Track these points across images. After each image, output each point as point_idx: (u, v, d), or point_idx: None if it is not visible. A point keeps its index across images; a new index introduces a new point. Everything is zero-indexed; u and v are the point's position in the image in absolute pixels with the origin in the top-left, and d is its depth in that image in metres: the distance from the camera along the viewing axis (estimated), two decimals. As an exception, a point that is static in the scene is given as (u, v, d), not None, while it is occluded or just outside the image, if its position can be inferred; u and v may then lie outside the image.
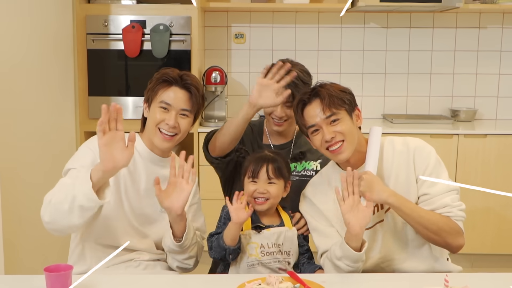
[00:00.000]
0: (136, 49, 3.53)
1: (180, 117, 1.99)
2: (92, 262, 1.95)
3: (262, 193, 1.91)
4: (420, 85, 4.23)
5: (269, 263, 1.86)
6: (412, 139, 1.99)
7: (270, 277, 1.63)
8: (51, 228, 1.78)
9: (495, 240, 3.74)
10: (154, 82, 2.01)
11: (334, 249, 1.83)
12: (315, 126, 1.91)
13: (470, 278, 1.81)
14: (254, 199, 1.91)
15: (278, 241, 1.89)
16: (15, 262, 2.62)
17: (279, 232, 1.90)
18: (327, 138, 1.87)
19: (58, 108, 3.27)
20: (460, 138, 3.66)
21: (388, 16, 4.16)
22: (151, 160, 2.02)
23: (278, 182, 1.93)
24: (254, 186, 1.92)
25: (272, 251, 1.87)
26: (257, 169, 1.92)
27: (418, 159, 1.92)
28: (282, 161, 1.96)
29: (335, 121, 1.89)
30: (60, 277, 1.52)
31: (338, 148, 1.88)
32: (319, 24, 4.16)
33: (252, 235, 1.87)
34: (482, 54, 4.19)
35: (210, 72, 3.77)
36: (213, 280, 1.81)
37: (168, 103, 1.97)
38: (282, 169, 1.94)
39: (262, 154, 1.98)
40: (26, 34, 2.80)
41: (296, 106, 1.95)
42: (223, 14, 4.14)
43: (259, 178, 1.91)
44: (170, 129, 1.97)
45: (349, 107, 1.92)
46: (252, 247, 1.86)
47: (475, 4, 3.94)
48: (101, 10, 3.57)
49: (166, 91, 1.98)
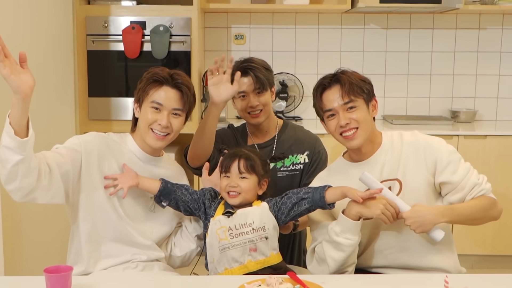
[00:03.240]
0: (136, 50, 3.53)
1: (172, 116, 2.00)
2: (90, 262, 1.96)
3: (233, 186, 1.92)
4: (420, 86, 4.24)
5: (240, 245, 1.87)
6: (421, 133, 2.04)
7: (270, 278, 1.64)
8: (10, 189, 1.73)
9: (495, 241, 3.74)
10: (145, 82, 2.02)
11: (332, 227, 1.87)
12: (332, 110, 1.96)
13: (470, 279, 1.82)
14: (227, 194, 1.94)
15: (247, 220, 1.89)
16: (15, 263, 2.62)
17: (246, 212, 1.91)
18: (342, 123, 1.93)
19: (58, 109, 3.27)
20: (460, 139, 3.66)
21: (388, 17, 4.16)
22: (144, 159, 2.05)
23: (250, 177, 1.94)
24: (226, 180, 1.94)
25: (241, 231, 1.88)
26: (229, 164, 1.95)
27: (430, 151, 1.95)
28: (256, 158, 1.98)
29: (352, 108, 1.94)
30: (60, 278, 1.52)
31: (352, 135, 1.94)
32: (319, 25, 4.16)
33: (222, 220, 1.90)
34: (482, 55, 4.19)
35: (210, 73, 3.76)
36: (212, 281, 1.81)
37: (160, 103, 1.98)
38: (254, 165, 1.95)
39: (236, 150, 2.01)
40: (26, 35, 2.80)
41: (316, 89, 2.01)
42: (223, 15, 4.14)
43: (231, 172, 1.95)
44: (162, 129, 1.98)
45: (367, 96, 1.98)
46: (222, 231, 1.89)
47: (475, 5, 3.94)
48: (101, 11, 3.57)
49: (157, 91, 1.99)
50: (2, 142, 1.65)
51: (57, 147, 1.91)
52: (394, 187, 1.94)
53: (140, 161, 2.04)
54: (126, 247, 1.99)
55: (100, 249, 1.97)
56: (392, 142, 2.00)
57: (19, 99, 1.61)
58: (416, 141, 1.98)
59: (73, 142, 1.95)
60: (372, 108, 2.01)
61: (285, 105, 3.97)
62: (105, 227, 1.96)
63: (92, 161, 1.94)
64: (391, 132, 2.05)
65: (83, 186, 1.93)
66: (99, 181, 1.95)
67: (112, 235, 1.97)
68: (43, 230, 1.78)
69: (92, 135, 2.02)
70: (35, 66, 2.93)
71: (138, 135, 2.05)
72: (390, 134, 2.03)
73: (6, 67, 1.57)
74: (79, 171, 1.92)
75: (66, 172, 1.87)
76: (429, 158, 1.94)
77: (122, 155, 2.02)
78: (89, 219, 1.95)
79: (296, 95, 4.08)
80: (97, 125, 3.58)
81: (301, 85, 4.06)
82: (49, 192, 1.81)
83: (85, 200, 1.94)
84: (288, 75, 4.08)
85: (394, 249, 1.95)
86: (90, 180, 1.94)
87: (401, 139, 2.01)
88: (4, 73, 1.58)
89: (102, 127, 3.49)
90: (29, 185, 1.71)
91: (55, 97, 3.21)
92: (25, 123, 1.66)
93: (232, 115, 4.08)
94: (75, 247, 1.98)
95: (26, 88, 1.61)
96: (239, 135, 2.46)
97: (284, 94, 3.99)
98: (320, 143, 2.45)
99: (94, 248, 1.96)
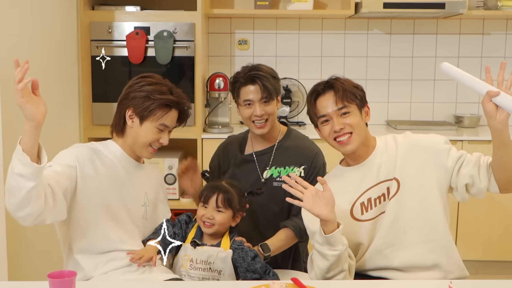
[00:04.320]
0: (140, 55, 3.54)
1: (169, 133, 2.10)
2: (89, 270, 1.96)
3: (208, 218, 2.06)
4: (424, 91, 4.23)
5: (195, 276, 2.02)
6: (412, 133, 2.09)
7: (274, 283, 1.63)
8: (20, 216, 1.73)
9: (499, 246, 3.73)
10: (152, 102, 2.01)
11: (316, 236, 1.89)
12: (326, 116, 2.00)
13: (475, 284, 1.81)
14: (202, 222, 2.07)
15: (209, 259, 2.02)
16: (19, 268, 2.62)
17: (211, 252, 2.03)
18: (336, 128, 1.96)
19: (62, 114, 3.27)
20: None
21: (391, 22, 4.16)
22: (130, 164, 2.09)
23: (226, 212, 2.08)
24: (203, 211, 2.08)
25: (200, 267, 2.02)
26: (208, 196, 2.09)
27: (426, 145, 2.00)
28: (235, 194, 2.10)
29: (346, 114, 1.98)
30: (64, 284, 1.52)
31: (346, 139, 1.97)
32: (322, 30, 4.17)
33: (188, 249, 2.05)
34: (486, 60, 4.18)
35: (213, 79, 3.77)
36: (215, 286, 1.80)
37: (167, 125, 2.05)
38: (232, 201, 2.08)
39: (218, 183, 2.13)
40: (31, 41, 2.81)
41: (310, 95, 2.05)
42: (227, 21, 4.15)
43: (209, 204, 2.08)
44: (160, 145, 2.07)
45: (360, 102, 2.02)
46: (185, 259, 2.04)
47: (479, 10, 3.94)
48: (105, 17, 3.58)
49: (167, 114, 2.04)
50: (15, 170, 1.65)
51: (50, 165, 1.91)
52: (392, 187, 1.97)
53: (126, 166, 2.08)
54: (123, 253, 2.00)
55: (99, 258, 1.98)
56: (386, 144, 2.04)
57: (32, 126, 1.64)
58: (410, 140, 2.03)
59: (65, 157, 1.96)
60: (365, 114, 2.05)
61: (289, 110, 3.97)
62: (102, 235, 1.98)
63: (86, 174, 1.96)
64: (384, 136, 2.09)
65: (79, 199, 1.95)
66: (95, 191, 1.97)
67: (109, 241, 1.99)
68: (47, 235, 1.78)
69: (79, 147, 2.04)
70: (39, 72, 2.95)
71: (127, 143, 2.08)
72: (384, 138, 2.08)
73: (24, 96, 1.60)
74: (75, 186, 1.94)
75: (66, 189, 1.89)
76: (429, 153, 1.98)
77: (109, 163, 2.05)
78: (85, 230, 1.97)
79: (300, 100, 4.08)
80: (101, 130, 3.58)
81: (304, 90, 4.06)
82: (55, 211, 1.82)
83: (82, 213, 1.96)
84: (291, 80, 4.08)
85: (394, 247, 1.96)
86: (86, 192, 1.95)
87: (394, 141, 2.05)
88: (20, 102, 1.60)
89: (106, 132, 3.47)
90: (38, 209, 1.73)
91: (59, 102, 3.22)
92: (36, 150, 1.68)
93: (236, 120, 4.08)
94: (72, 262, 2.00)
95: (39, 115, 1.65)
96: (237, 146, 2.46)
97: (288, 99, 3.99)
98: (320, 157, 2.40)
99: (92, 259, 1.98)
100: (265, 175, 2.36)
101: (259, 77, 2.28)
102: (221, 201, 2.07)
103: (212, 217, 2.05)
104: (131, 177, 2.08)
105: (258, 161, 2.38)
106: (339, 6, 4.07)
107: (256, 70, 2.29)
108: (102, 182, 1.99)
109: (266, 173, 2.36)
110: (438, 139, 2.02)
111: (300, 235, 2.27)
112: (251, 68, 2.31)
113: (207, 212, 2.07)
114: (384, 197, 1.98)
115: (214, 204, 2.07)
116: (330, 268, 1.86)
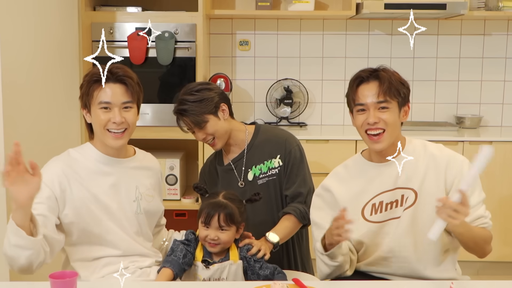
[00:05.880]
0: (141, 56, 3.54)
1: (124, 111, 1.96)
2: (85, 276, 1.96)
3: (213, 239, 1.97)
4: (425, 92, 4.23)
5: None
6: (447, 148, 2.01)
7: (275, 284, 1.63)
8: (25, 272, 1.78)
9: (501, 247, 3.72)
10: (86, 85, 1.96)
11: (317, 246, 1.91)
12: (363, 105, 1.92)
13: (476, 285, 1.81)
14: (207, 242, 1.99)
15: (222, 275, 1.97)
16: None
17: (222, 267, 1.97)
18: (370, 121, 1.89)
19: (63, 116, 3.28)
20: (465, 145, 3.65)
21: (392, 23, 4.16)
22: (110, 163, 2.01)
23: (229, 229, 1.99)
24: (206, 231, 1.99)
25: (214, 284, 1.96)
26: (209, 217, 1.98)
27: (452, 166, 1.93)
28: (235, 208, 2.01)
29: (384, 109, 1.91)
30: (66, 284, 1.53)
31: (378, 137, 1.90)
32: (323, 31, 4.17)
33: (200, 269, 1.97)
34: (487, 61, 4.18)
35: (215, 79, 3.77)
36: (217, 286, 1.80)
37: (108, 101, 1.93)
38: (233, 216, 2.00)
39: (216, 200, 2.03)
40: (32, 42, 2.82)
41: (353, 80, 1.96)
42: (228, 21, 4.15)
43: (211, 225, 1.98)
44: (118, 126, 1.94)
45: (402, 100, 1.94)
46: (199, 279, 1.97)
47: (480, 11, 3.94)
48: (106, 18, 3.58)
49: (101, 90, 1.93)
50: (12, 242, 1.68)
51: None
52: (409, 197, 1.92)
53: (107, 167, 2.00)
54: (121, 257, 1.99)
55: (95, 264, 1.98)
56: (414, 150, 1.97)
57: (17, 207, 1.64)
58: (440, 155, 1.96)
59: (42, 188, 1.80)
60: (403, 113, 1.97)
61: (290, 111, 3.97)
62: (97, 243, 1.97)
63: (66, 195, 1.92)
64: (415, 140, 2.02)
65: (69, 218, 1.93)
66: (81, 205, 1.93)
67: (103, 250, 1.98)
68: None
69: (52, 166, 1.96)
70: (41, 72, 2.95)
71: (97, 141, 2.02)
72: (414, 142, 2.01)
73: (9, 177, 1.58)
74: (62, 211, 1.92)
75: (56, 225, 1.89)
76: (449, 173, 1.92)
77: (87, 171, 1.98)
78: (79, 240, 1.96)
79: (301, 101, 4.08)
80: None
81: (305, 91, 4.06)
82: (54, 251, 1.87)
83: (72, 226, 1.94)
84: (292, 81, 4.08)
85: (400, 258, 1.94)
86: (72, 209, 1.93)
87: (424, 149, 1.98)
88: (5, 184, 1.58)
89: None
90: (40, 264, 1.78)
91: (60, 103, 3.22)
92: (28, 220, 1.69)
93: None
94: (68, 266, 2.00)
95: (22, 199, 1.62)
96: (216, 162, 2.48)
97: (289, 100, 3.99)
98: (291, 141, 2.40)
99: (88, 265, 1.97)
100: (249, 177, 2.39)
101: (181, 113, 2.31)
102: (223, 220, 1.98)
103: (217, 237, 1.97)
104: (117, 174, 2.01)
105: (237, 168, 2.41)
106: (340, 7, 4.07)
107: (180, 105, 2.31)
108: (84, 194, 1.94)
109: (250, 174, 2.39)
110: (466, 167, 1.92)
111: (303, 217, 2.28)
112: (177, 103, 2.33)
113: (210, 233, 1.98)
114: (396, 203, 1.93)
115: (216, 224, 1.98)
116: (332, 273, 1.91)
